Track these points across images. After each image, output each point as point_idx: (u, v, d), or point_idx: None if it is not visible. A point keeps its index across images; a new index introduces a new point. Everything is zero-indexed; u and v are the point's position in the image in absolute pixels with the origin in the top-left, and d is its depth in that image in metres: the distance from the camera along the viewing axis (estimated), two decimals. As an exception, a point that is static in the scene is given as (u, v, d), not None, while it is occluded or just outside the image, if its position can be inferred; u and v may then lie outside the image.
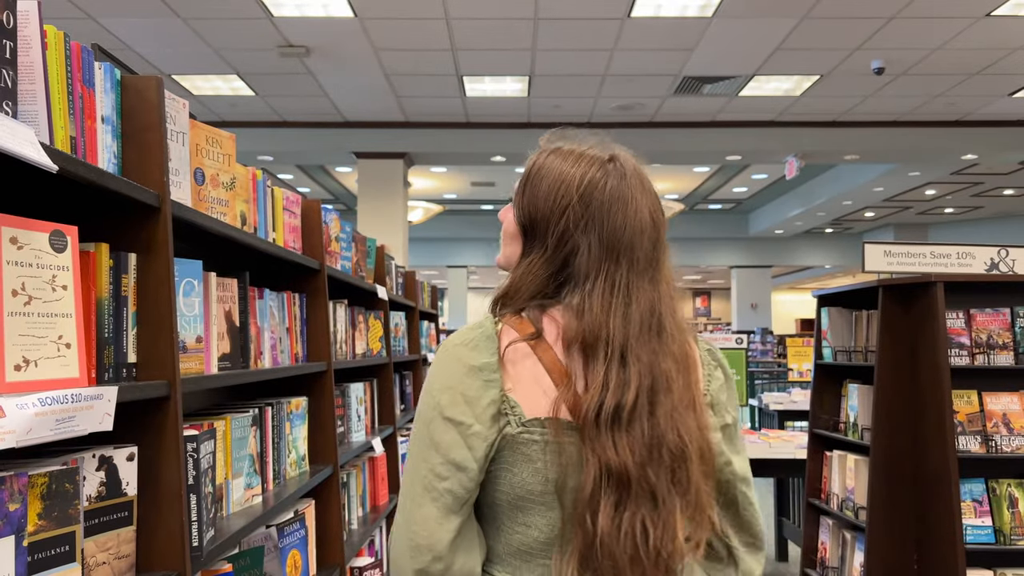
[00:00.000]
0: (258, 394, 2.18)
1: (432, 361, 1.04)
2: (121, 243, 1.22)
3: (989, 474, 2.82)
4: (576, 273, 1.00)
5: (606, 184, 1.01)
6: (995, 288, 2.96)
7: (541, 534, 0.97)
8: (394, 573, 0.98)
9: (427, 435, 0.98)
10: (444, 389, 0.98)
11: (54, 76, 1.07)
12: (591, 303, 0.97)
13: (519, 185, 1.09)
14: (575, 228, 1.00)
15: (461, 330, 1.04)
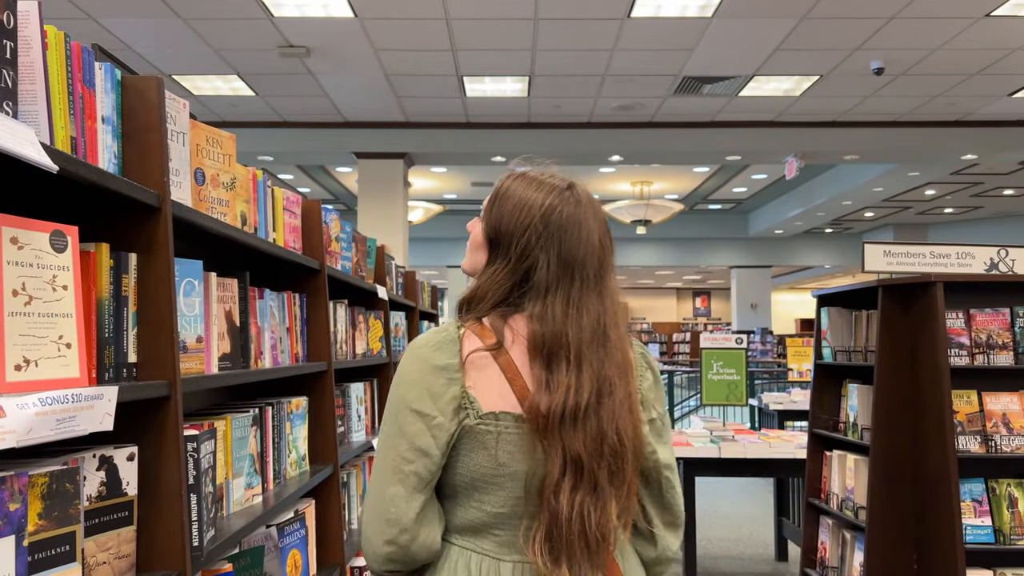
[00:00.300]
0: (258, 394, 2.18)
1: (401, 360, 1.16)
2: (121, 243, 1.22)
3: (989, 474, 2.82)
4: (537, 285, 1.14)
5: (563, 210, 1.17)
6: (995, 288, 2.97)
7: (493, 509, 1.12)
8: (365, 545, 1.11)
9: (396, 424, 1.11)
10: (411, 385, 1.12)
11: (54, 76, 1.07)
12: (553, 312, 1.12)
13: (488, 202, 1.24)
14: (536, 244, 1.15)
15: (427, 334, 1.17)
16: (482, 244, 1.23)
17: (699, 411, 10.52)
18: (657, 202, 11.55)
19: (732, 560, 4.91)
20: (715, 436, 4.54)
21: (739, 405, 4.98)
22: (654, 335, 23.66)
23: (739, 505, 6.47)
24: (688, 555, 4.34)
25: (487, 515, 1.12)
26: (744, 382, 4.86)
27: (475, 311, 1.18)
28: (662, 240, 15.76)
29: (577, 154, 8.49)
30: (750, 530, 5.64)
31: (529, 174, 1.25)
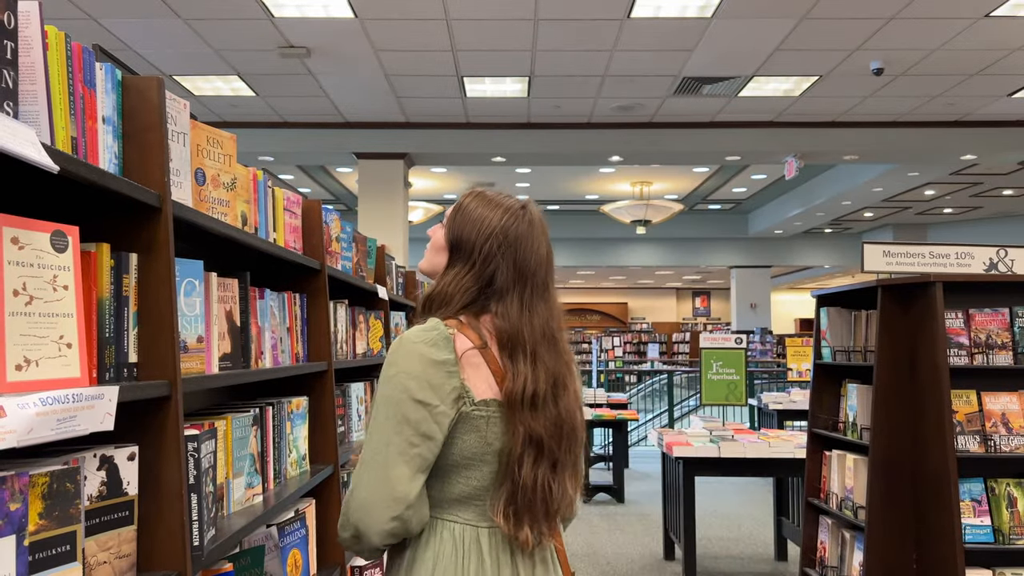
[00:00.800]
0: (259, 394, 2.18)
1: (391, 352, 1.28)
2: (122, 243, 1.22)
3: (988, 474, 2.82)
4: (499, 289, 1.32)
5: (519, 226, 1.35)
6: (994, 288, 2.97)
7: (478, 483, 1.29)
8: (364, 521, 1.22)
9: (398, 413, 1.24)
10: (412, 377, 1.24)
11: (55, 77, 1.08)
12: (511, 312, 1.30)
13: (452, 211, 1.40)
14: (498, 251, 1.33)
15: (416, 330, 1.29)
16: (443, 248, 1.40)
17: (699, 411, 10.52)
18: (657, 202, 11.55)
19: (732, 560, 4.91)
20: (715, 436, 4.54)
21: (739, 405, 4.99)
22: (654, 335, 23.65)
23: (739, 505, 6.47)
24: (688, 555, 4.35)
25: (472, 489, 1.28)
26: (744, 382, 4.87)
27: (443, 311, 1.34)
28: (662, 240, 15.76)
29: (577, 154, 8.50)
30: (750, 530, 5.64)
31: (488, 193, 1.41)
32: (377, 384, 1.31)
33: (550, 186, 12.33)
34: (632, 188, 12.12)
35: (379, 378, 1.29)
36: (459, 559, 1.26)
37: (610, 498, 6.74)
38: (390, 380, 1.25)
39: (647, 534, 5.55)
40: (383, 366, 1.29)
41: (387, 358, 1.28)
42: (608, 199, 12.98)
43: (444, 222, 1.41)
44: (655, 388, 12.53)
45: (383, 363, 1.29)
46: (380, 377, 1.28)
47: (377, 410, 1.26)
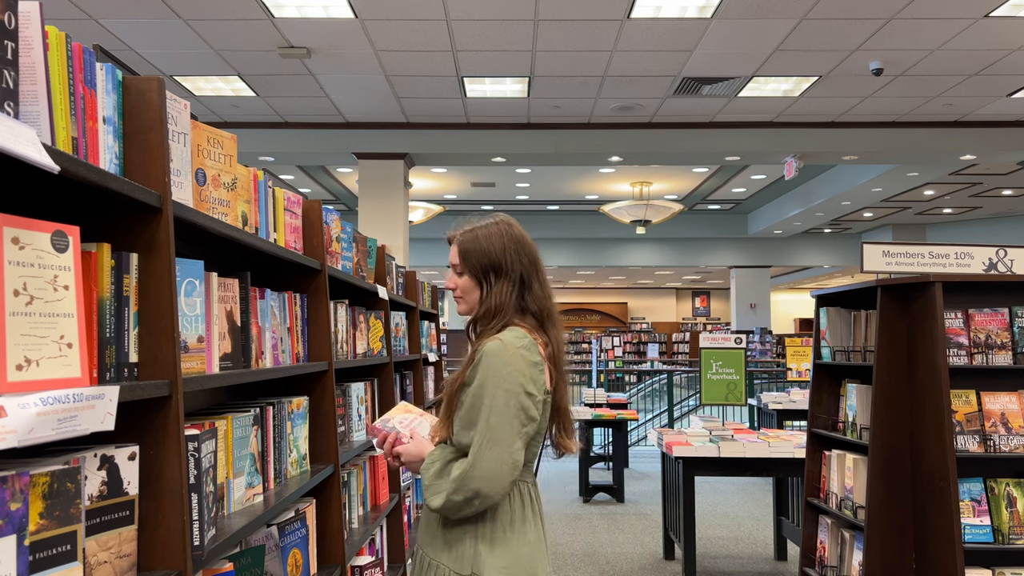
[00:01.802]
0: (259, 393, 2.18)
1: (495, 355, 1.60)
2: (123, 243, 1.22)
3: (987, 473, 2.82)
4: (528, 284, 1.72)
5: (513, 230, 1.76)
6: (993, 288, 2.97)
7: (534, 451, 1.72)
8: (489, 484, 1.55)
9: (515, 402, 1.58)
10: (521, 374, 1.60)
11: (56, 77, 1.08)
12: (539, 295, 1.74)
13: (460, 256, 1.74)
14: (517, 257, 1.71)
15: (512, 337, 1.63)
16: (472, 286, 1.73)
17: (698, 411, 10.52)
18: (657, 202, 11.55)
19: (731, 559, 4.91)
20: (714, 436, 4.54)
21: (738, 405, 4.99)
22: (653, 335, 23.65)
23: (738, 504, 6.47)
24: (687, 554, 4.35)
25: (532, 455, 1.71)
26: (743, 382, 4.87)
27: (496, 320, 1.68)
28: (662, 240, 15.76)
29: (577, 154, 8.50)
30: (749, 529, 5.65)
31: (472, 225, 1.78)
32: (478, 380, 1.59)
33: (550, 186, 12.33)
34: (632, 188, 12.12)
35: (482, 375, 1.59)
36: (524, 506, 1.67)
37: (610, 498, 6.74)
38: (506, 377, 1.58)
39: (647, 534, 5.56)
40: (487, 366, 1.59)
41: (493, 360, 1.59)
42: (608, 199, 12.98)
43: (458, 268, 1.74)
44: (655, 388, 12.54)
45: (481, 364, 1.60)
46: (488, 375, 1.58)
47: (494, 400, 1.57)
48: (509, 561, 1.60)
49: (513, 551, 1.61)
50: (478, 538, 1.60)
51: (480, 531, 1.61)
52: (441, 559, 1.62)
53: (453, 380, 1.68)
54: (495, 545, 1.60)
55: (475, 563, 1.59)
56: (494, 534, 1.61)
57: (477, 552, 1.60)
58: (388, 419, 1.82)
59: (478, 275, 1.71)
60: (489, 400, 1.57)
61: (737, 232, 15.37)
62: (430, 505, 1.60)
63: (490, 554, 1.60)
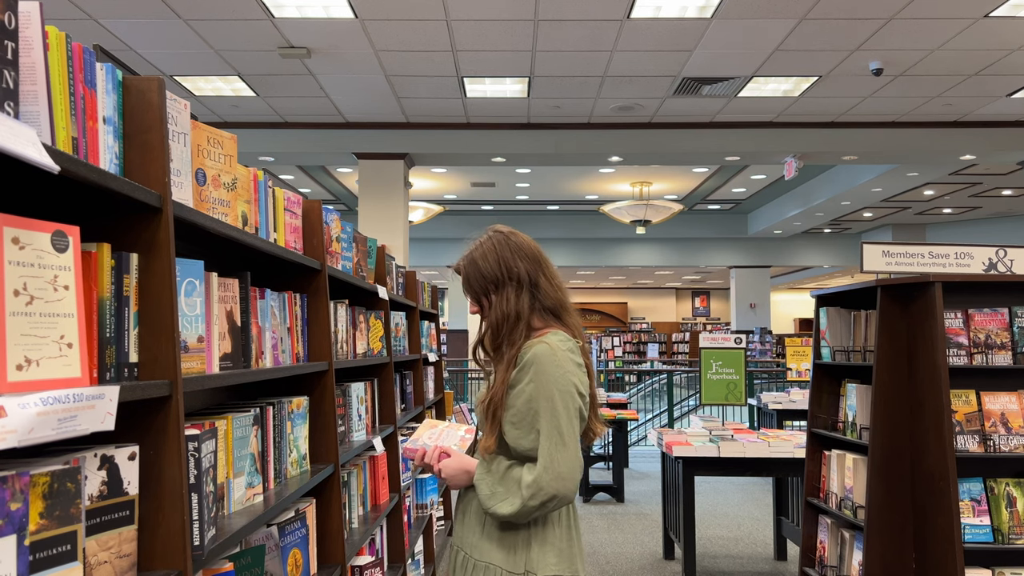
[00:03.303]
0: (259, 393, 2.18)
1: (546, 357, 1.64)
2: (123, 243, 1.22)
3: (987, 473, 2.83)
4: (536, 284, 1.77)
5: (509, 239, 1.80)
6: (993, 288, 2.97)
7: None
8: (564, 488, 1.59)
9: (573, 404, 1.64)
10: (573, 375, 1.66)
11: (56, 77, 1.08)
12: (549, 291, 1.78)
13: (464, 281, 1.81)
14: (521, 262, 1.76)
15: (557, 340, 1.69)
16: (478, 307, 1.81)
17: (698, 411, 10.52)
18: (656, 202, 11.55)
19: (731, 559, 4.91)
20: (714, 435, 4.54)
21: (738, 405, 4.99)
22: (653, 335, 23.66)
23: (738, 504, 6.47)
24: (687, 554, 4.35)
25: None
26: (743, 382, 4.87)
27: (518, 328, 1.72)
28: (661, 240, 15.77)
29: (576, 155, 8.50)
30: (749, 529, 5.65)
31: (470, 248, 1.82)
32: (530, 383, 1.63)
33: (550, 186, 12.33)
34: (632, 188, 12.12)
35: (534, 378, 1.63)
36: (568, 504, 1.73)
37: (610, 498, 6.74)
38: (559, 379, 1.63)
39: (647, 534, 5.56)
40: (540, 370, 1.63)
41: (544, 363, 1.63)
42: (608, 199, 12.98)
43: (467, 295, 1.82)
44: (655, 388, 12.54)
45: (531, 367, 1.63)
46: (541, 377, 1.62)
47: (553, 403, 1.61)
48: (560, 557, 1.65)
49: (562, 548, 1.66)
50: (531, 537, 1.65)
51: (533, 530, 1.65)
52: (492, 560, 1.65)
53: (496, 387, 1.70)
54: (546, 543, 1.65)
55: (528, 562, 1.63)
56: (545, 532, 1.65)
57: (530, 551, 1.64)
58: (417, 438, 1.87)
59: (479, 298, 1.79)
60: (548, 403, 1.61)
61: (737, 232, 15.37)
62: (498, 512, 1.62)
63: (542, 552, 1.64)
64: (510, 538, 1.66)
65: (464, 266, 1.82)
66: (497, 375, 1.73)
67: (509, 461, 1.68)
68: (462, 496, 1.80)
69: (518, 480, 1.61)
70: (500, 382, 1.70)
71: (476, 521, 1.71)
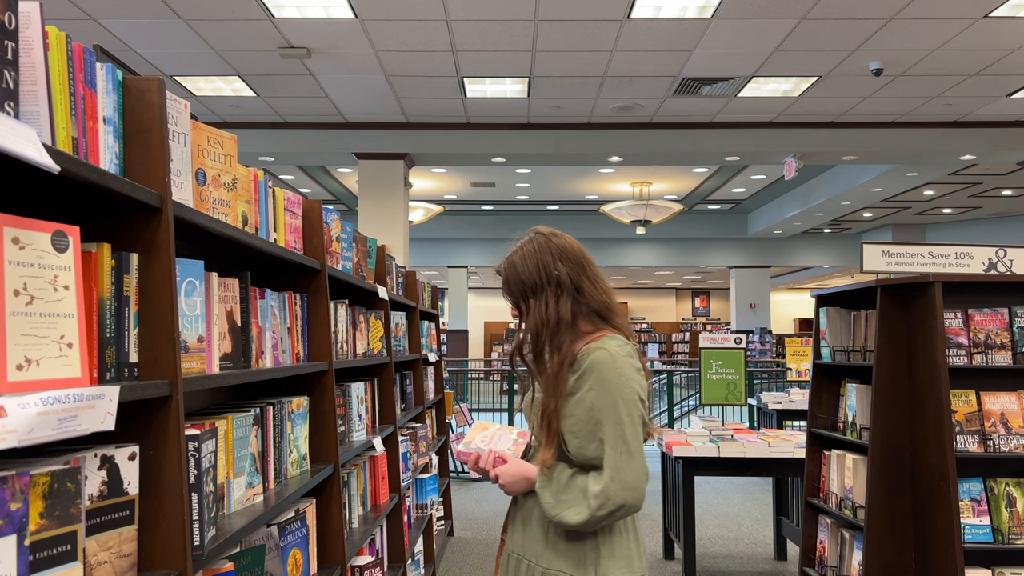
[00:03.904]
0: (259, 393, 2.18)
1: (606, 365, 1.60)
2: (123, 243, 1.22)
3: (987, 473, 2.82)
4: (580, 288, 1.71)
5: (550, 241, 1.74)
6: (993, 288, 2.97)
7: None
8: (632, 498, 1.57)
9: (636, 411, 1.61)
10: (633, 381, 1.62)
11: (56, 77, 1.08)
12: (595, 293, 1.73)
13: (504, 285, 1.76)
14: (559, 266, 1.70)
15: (616, 345, 1.64)
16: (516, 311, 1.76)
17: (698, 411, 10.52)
18: (656, 202, 11.56)
19: (731, 559, 4.91)
20: (714, 435, 4.54)
21: (738, 405, 4.99)
22: (653, 335, 23.65)
23: (738, 504, 6.47)
24: (687, 554, 4.35)
25: None
26: (743, 382, 4.87)
27: (559, 332, 1.67)
28: (661, 240, 15.77)
29: (576, 155, 8.50)
30: (749, 529, 5.65)
31: (512, 248, 1.77)
32: (591, 391, 1.59)
33: (550, 186, 12.33)
34: (632, 188, 12.12)
35: (595, 386, 1.60)
36: None
37: (610, 498, 6.73)
38: (622, 387, 1.60)
39: (647, 533, 5.55)
40: (601, 378, 1.59)
41: (605, 370, 1.59)
42: (608, 199, 12.98)
43: (508, 300, 1.77)
44: (655, 388, 12.53)
45: (591, 374, 1.60)
46: (602, 385, 1.59)
47: (617, 411, 1.58)
48: (627, 561, 1.66)
49: (631, 558, 1.67)
50: (599, 547, 1.64)
51: (600, 539, 1.65)
52: (561, 567, 1.63)
53: (548, 397, 1.65)
54: (614, 548, 1.65)
55: (598, 568, 1.62)
56: (612, 541, 1.65)
57: (599, 556, 1.63)
58: (470, 441, 1.86)
59: (518, 303, 1.76)
60: (612, 412, 1.59)
61: (737, 232, 15.37)
62: (566, 521, 1.59)
63: (611, 558, 1.64)
64: (577, 548, 1.64)
65: (504, 269, 1.77)
66: (546, 383, 1.67)
67: (571, 469, 1.65)
68: (520, 503, 1.75)
69: (583, 489, 1.59)
70: (552, 392, 1.65)
71: (540, 529, 1.68)
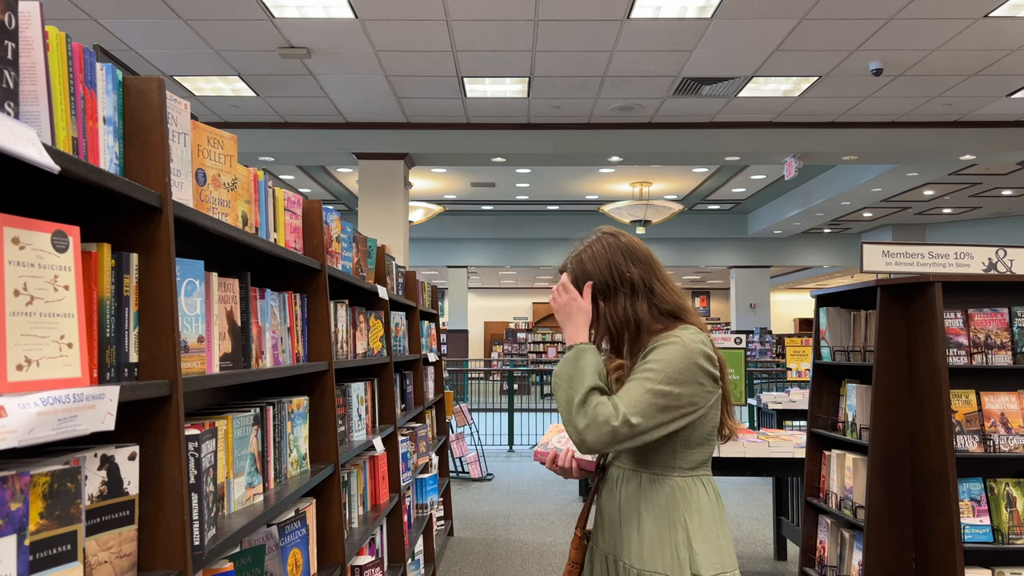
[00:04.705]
0: (259, 393, 2.18)
1: (675, 347, 1.58)
2: (123, 243, 1.22)
3: (987, 473, 2.83)
4: (651, 288, 1.68)
5: (619, 240, 1.72)
6: (993, 288, 2.97)
7: (710, 451, 1.73)
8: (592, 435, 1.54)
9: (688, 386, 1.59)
10: (701, 359, 1.60)
11: (56, 77, 1.08)
12: (668, 293, 1.70)
13: (573, 282, 1.71)
14: (631, 266, 1.68)
15: (690, 336, 1.62)
16: (588, 309, 1.69)
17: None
18: (656, 202, 11.56)
19: (731, 560, 4.91)
20: (714, 436, 4.54)
21: (738, 405, 4.99)
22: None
23: (738, 504, 6.47)
24: (687, 555, 4.34)
25: (710, 451, 1.72)
26: (743, 382, 4.87)
27: (642, 336, 1.67)
28: (661, 240, 15.76)
29: (576, 155, 8.50)
30: (749, 529, 5.65)
31: (579, 246, 1.75)
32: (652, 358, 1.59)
33: (550, 186, 12.33)
34: (632, 188, 12.12)
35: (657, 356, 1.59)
36: (718, 498, 1.72)
37: (610, 498, 6.73)
38: (682, 360, 1.58)
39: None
40: (665, 353, 1.58)
41: (670, 350, 1.58)
42: (608, 199, 12.98)
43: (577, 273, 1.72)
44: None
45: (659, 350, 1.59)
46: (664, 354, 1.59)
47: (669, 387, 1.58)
48: (721, 555, 1.65)
49: (722, 544, 1.66)
50: (690, 538, 1.64)
51: (691, 528, 1.64)
52: (656, 568, 1.62)
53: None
54: (706, 541, 1.64)
55: (692, 563, 1.62)
56: (703, 531, 1.64)
57: (693, 552, 1.62)
58: (547, 442, 1.89)
59: (602, 290, 1.70)
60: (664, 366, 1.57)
61: (737, 232, 15.37)
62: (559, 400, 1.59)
63: (704, 550, 1.63)
64: (667, 542, 1.64)
65: (572, 268, 1.72)
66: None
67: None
68: (605, 502, 1.75)
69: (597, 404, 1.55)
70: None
71: (634, 529, 1.67)
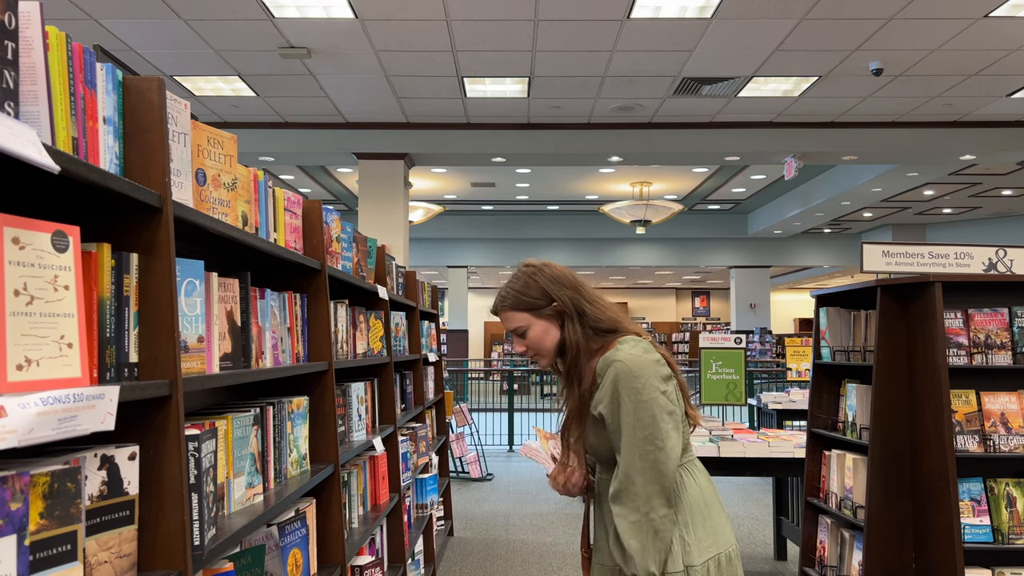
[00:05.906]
0: (259, 393, 2.18)
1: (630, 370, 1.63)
2: (123, 243, 1.22)
3: (987, 473, 2.82)
4: (581, 310, 1.78)
5: (544, 270, 1.85)
6: (993, 288, 2.97)
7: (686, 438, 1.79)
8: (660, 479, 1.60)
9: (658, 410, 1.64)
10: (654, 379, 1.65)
11: (56, 77, 1.08)
12: (600, 312, 1.80)
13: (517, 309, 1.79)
14: (563, 291, 1.79)
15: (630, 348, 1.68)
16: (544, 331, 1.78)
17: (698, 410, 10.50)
18: (656, 202, 11.55)
19: (731, 560, 4.91)
20: (714, 435, 4.54)
21: (738, 405, 4.99)
22: (653, 335, 23.65)
23: (738, 504, 6.47)
24: (687, 555, 4.34)
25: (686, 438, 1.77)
26: (743, 382, 4.87)
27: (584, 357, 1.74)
28: (661, 240, 15.77)
29: (576, 155, 8.50)
30: (749, 529, 5.65)
31: (507, 285, 1.83)
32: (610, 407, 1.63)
33: (550, 186, 12.33)
34: (632, 188, 12.12)
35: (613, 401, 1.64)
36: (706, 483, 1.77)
37: (610, 498, 6.73)
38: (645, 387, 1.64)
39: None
40: (615, 390, 1.63)
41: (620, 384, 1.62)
42: (608, 199, 12.98)
43: (522, 325, 1.79)
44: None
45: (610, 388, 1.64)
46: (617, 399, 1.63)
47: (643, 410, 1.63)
48: (711, 537, 1.67)
49: (711, 523, 1.68)
50: (683, 532, 1.65)
51: (682, 524, 1.65)
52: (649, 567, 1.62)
53: (572, 419, 1.75)
54: (697, 528, 1.66)
55: (686, 555, 1.63)
56: (693, 519, 1.66)
57: (686, 544, 1.64)
58: (537, 449, 1.96)
59: (524, 330, 1.79)
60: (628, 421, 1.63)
61: (737, 232, 15.37)
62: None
63: (696, 539, 1.65)
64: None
65: (509, 301, 1.80)
66: (572, 407, 1.74)
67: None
68: (603, 515, 1.75)
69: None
70: (577, 417, 1.72)
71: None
